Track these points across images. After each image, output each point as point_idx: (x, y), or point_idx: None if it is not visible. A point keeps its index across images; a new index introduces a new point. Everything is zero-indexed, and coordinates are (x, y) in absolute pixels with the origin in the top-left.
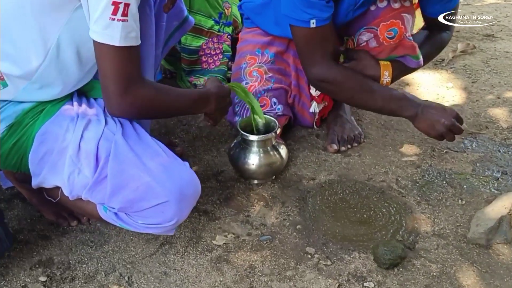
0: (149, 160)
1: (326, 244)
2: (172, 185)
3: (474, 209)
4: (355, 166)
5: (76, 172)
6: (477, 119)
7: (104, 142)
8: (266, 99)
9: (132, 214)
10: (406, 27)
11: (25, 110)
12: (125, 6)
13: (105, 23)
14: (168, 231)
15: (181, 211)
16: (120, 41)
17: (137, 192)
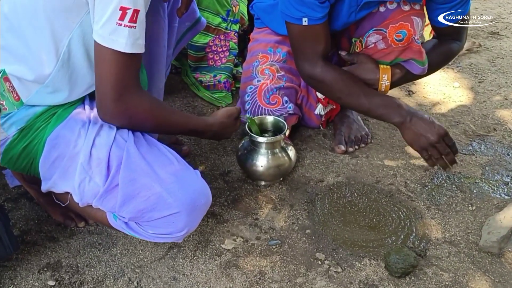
0: (161, 169)
1: (336, 250)
2: (184, 196)
3: (485, 215)
4: (363, 168)
5: (87, 180)
6: (485, 120)
7: (115, 150)
8: (278, 97)
9: (142, 223)
10: (415, 30)
11: (37, 114)
12: (134, 12)
13: (112, 27)
14: (176, 240)
15: (192, 221)
16: (125, 47)
17: (148, 202)
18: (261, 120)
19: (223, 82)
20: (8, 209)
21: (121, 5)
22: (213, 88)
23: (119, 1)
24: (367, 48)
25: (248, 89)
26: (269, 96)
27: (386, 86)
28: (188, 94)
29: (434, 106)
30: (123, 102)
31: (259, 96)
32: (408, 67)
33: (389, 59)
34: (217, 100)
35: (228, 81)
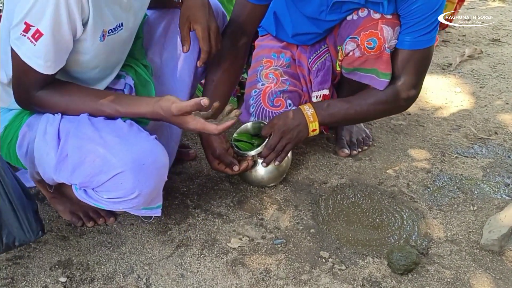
0: (107, 134)
1: (340, 249)
2: (127, 155)
3: (486, 215)
4: (366, 170)
5: (44, 155)
6: (486, 124)
7: (65, 122)
8: (282, 100)
9: (97, 190)
10: (385, 38)
11: (17, 113)
12: (36, 31)
13: (17, 35)
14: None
15: (141, 182)
16: (23, 56)
17: (94, 166)
18: (244, 129)
19: None
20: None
21: (25, 20)
22: None
23: (25, 16)
24: (347, 56)
25: (253, 92)
26: (273, 99)
27: (312, 114)
28: None
29: (436, 110)
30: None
31: (263, 99)
32: (365, 82)
33: (367, 66)
34: None
35: None
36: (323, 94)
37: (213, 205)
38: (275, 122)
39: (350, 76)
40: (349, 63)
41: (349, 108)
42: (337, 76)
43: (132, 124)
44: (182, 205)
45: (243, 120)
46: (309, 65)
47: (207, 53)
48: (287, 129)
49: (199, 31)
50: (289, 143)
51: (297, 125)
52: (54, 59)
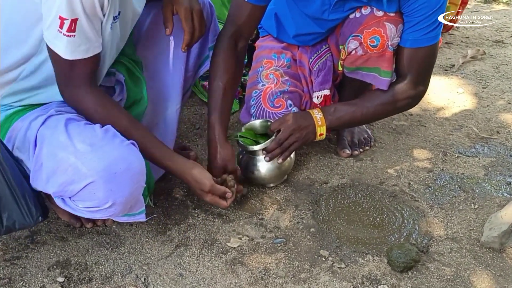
0: (79, 142)
1: (340, 247)
2: (97, 164)
3: (487, 213)
4: (367, 170)
5: (24, 162)
6: (488, 124)
7: (43, 129)
8: (282, 100)
9: (73, 198)
10: (388, 36)
11: (7, 116)
12: (71, 22)
13: (54, 33)
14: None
15: (113, 191)
16: (65, 54)
17: (66, 175)
18: (250, 126)
19: None
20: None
21: (59, 14)
22: None
23: (57, 11)
24: (350, 55)
25: (253, 93)
26: (274, 99)
27: (321, 118)
28: (195, 102)
29: (438, 111)
30: (67, 94)
31: (263, 100)
32: (368, 80)
33: (370, 65)
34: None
35: None
36: (324, 94)
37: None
38: (287, 119)
39: (353, 75)
40: (351, 62)
41: (355, 111)
42: (339, 76)
43: (107, 130)
44: (182, 205)
45: (244, 121)
46: (310, 65)
47: (189, 33)
48: (298, 127)
49: (181, 12)
50: (296, 141)
51: (307, 126)
52: (96, 38)
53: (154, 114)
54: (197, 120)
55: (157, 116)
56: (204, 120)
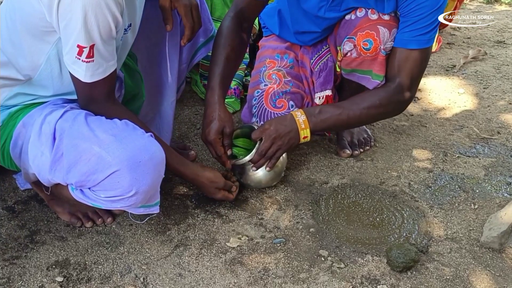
0: (102, 132)
1: (340, 247)
2: (122, 153)
3: (487, 214)
4: (368, 170)
5: (39, 155)
6: (489, 124)
7: (61, 122)
8: (284, 101)
9: (94, 189)
10: (381, 40)
11: (11, 113)
12: (90, 48)
13: (72, 59)
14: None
15: (139, 179)
16: (85, 78)
17: (89, 164)
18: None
19: (233, 89)
20: (19, 210)
21: (78, 43)
22: None
23: (76, 39)
24: (345, 57)
25: (255, 93)
26: (275, 99)
27: (304, 121)
28: (196, 103)
29: (439, 111)
30: (91, 111)
31: (265, 100)
32: (363, 83)
33: (364, 67)
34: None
35: (238, 88)
36: (326, 94)
37: (213, 205)
38: (266, 128)
39: (349, 77)
40: (347, 63)
41: (341, 114)
42: (338, 77)
43: (127, 122)
44: (181, 205)
45: (245, 120)
46: (312, 66)
47: (190, 28)
48: (278, 135)
49: (181, 8)
50: (279, 149)
51: (288, 132)
52: (112, 57)
53: (150, 108)
54: (198, 120)
55: (152, 110)
56: None
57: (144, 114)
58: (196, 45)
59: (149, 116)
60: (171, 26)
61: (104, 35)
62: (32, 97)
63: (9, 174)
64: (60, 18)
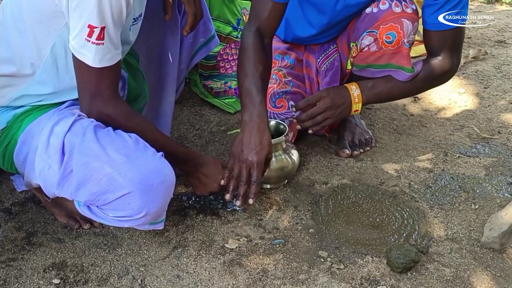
0: (113, 152)
1: (339, 248)
2: (135, 175)
3: (487, 214)
4: (368, 171)
5: (46, 168)
6: (489, 124)
7: (70, 136)
8: (284, 101)
9: (103, 207)
10: (404, 32)
11: (16, 115)
12: (101, 30)
13: (82, 42)
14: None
15: (150, 202)
16: (93, 62)
17: (100, 185)
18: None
19: (233, 88)
20: (15, 212)
21: (89, 23)
22: (223, 94)
23: (87, 19)
24: (362, 52)
25: None
26: (275, 99)
27: (358, 95)
28: (196, 103)
29: (440, 111)
30: (95, 108)
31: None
32: (394, 75)
33: (382, 62)
34: (226, 105)
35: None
36: None
37: (211, 206)
38: (323, 95)
39: (362, 73)
40: (362, 59)
41: (392, 87)
42: (346, 76)
43: (138, 140)
44: (180, 206)
45: None
46: (318, 66)
47: (193, 15)
48: (332, 105)
49: None
50: (329, 118)
51: (342, 103)
52: (119, 45)
53: (149, 107)
54: (197, 121)
55: (152, 109)
56: (204, 121)
57: (144, 114)
58: (196, 45)
59: (149, 116)
60: (170, 16)
61: (116, 16)
62: (38, 98)
63: (5, 175)
64: None
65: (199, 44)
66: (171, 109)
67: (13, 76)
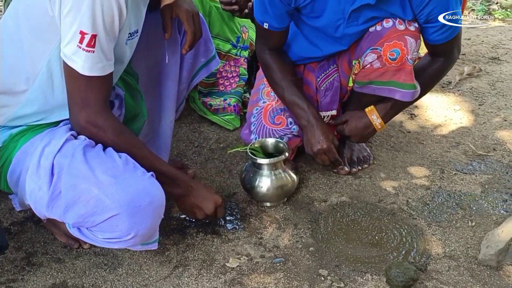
0: (102, 173)
1: (339, 266)
2: (122, 197)
3: (484, 231)
4: (366, 188)
5: (36, 189)
6: (484, 141)
7: (59, 157)
8: (282, 118)
9: (92, 229)
10: (408, 50)
11: (12, 135)
12: (92, 37)
13: (73, 49)
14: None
15: (136, 224)
16: (83, 70)
17: (88, 206)
18: (262, 143)
19: (233, 106)
20: (15, 232)
21: (80, 29)
22: (223, 111)
23: (79, 25)
24: (364, 68)
25: (254, 110)
26: (274, 116)
27: (381, 123)
28: (194, 120)
29: (436, 128)
30: (84, 119)
31: (264, 117)
32: (399, 98)
33: (384, 79)
34: (226, 122)
35: (237, 105)
36: (332, 114)
37: (211, 224)
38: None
39: (363, 89)
40: (365, 75)
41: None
42: (347, 93)
43: (127, 161)
44: (180, 225)
45: (245, 138)
46: (317, 84)
47: (192, 34)
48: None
49: (183, 15)
50: None
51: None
52: (110, 56)
53: (149, 127)
54: (196, 138)
55: (151, 129)
56: (203, 138)
57: (144, 135)
58: (197, 65)
59: (148, 136)
60: (170, 34)
61: (108, 25)
62: (33, 118)
63: (4, 194)
64: (63, 3)
65: (200, 64)
66: (170, 129)
67: (8, 94)
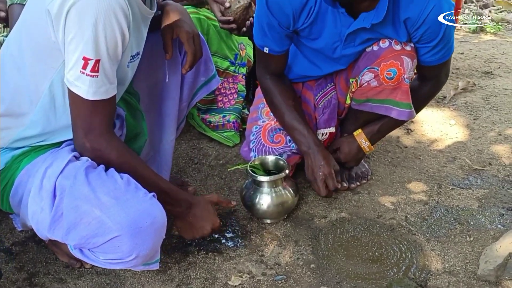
0: (104, 195)
1: (340, 283)
2: (124, 218)
3: (482, 246)
4: (365, 204)
5: (38, 211)
6: (480, 155)
7: (62, 179)
8: (282, 136)
9: (94, 250)
10: (405, 69)
11: (15, 156)
12: (95, 62)
13: (77, 74)
14: (133, 266)
15: (138, 245)
16: (87, 95)
17: (90, 228)
18: (262, 160)
19: (232, 122)
20: (16, 252)
21: (84, 55)
22: (222, 127)
23: (82, 51)
24: (361, 87)
25: (253, 129)
26: (273, 135)
27: (368, 146)
28: (194, 136)
29: (432, 143)
30: (89, 143)
31: (263, 135)
32: (395, 116)
33: (381, 97)
34: (225, 139)
35: (236, 121)
36: (330, 132)
37: (213, 242)
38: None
39: (360, 107)
40: (362, 93)
41: (396, 124)
42: (344, 110)
43: (129, 181)
44: (181, 243)
45: (244, 155)
46: (316, 102)
47: (192, 54)
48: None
49: (183, 35)
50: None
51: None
52: (113, 79)
53: (150, 146)
54: (196, 155)
55: (152, 148)
56: (202, 155)
57: (145, 153)
58: (197, 84)
59: (149, 155)
60: (171, 55)
61: (111, 50)
62: (36, 139)
63: (5, 214)
64: (67, 31)
65: (200, 83)
66: (171, 148)
67: (12, 116)
